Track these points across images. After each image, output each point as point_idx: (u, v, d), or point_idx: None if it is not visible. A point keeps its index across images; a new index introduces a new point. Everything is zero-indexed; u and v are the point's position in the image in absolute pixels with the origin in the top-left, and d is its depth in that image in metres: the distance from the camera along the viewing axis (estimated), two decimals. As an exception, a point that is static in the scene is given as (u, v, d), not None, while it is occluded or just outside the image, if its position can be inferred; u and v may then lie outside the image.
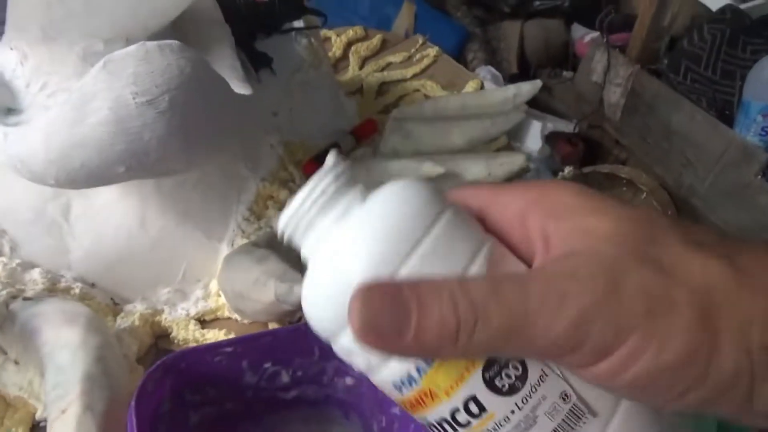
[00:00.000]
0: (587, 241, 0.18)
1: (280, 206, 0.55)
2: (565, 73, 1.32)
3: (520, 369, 0.19)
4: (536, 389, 0.19)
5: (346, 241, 0.20)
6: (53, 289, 0.47)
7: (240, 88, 0.47)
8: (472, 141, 0.58)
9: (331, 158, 0.22)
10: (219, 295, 0.51)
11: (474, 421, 0.20)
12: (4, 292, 0.44)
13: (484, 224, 0.21)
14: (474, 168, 0.53)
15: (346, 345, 0.21)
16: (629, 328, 0.17)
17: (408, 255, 0.19)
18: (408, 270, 0.19)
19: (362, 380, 0.41)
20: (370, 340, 0.18)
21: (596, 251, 0.18)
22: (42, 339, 0.40)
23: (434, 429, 0.21)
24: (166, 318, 0.49)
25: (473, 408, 0.20)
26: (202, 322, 0.51)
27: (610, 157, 1.17)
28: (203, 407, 0.39)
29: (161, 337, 0.50)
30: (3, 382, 0.42)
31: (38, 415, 0.42)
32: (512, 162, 0.52)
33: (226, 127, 0.44)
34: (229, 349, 0.36)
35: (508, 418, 0.19)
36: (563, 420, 0.19)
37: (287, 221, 0.21)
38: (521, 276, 0.19)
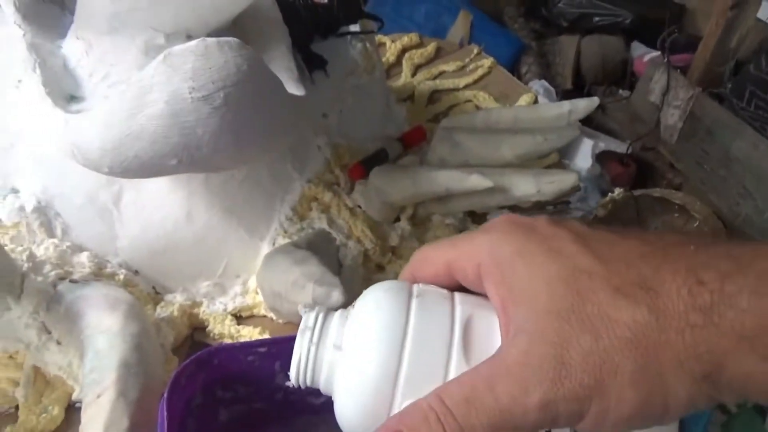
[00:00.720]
0: (531, 317, 0.21)
1: (324, 208, 0.55)
2: (621, 91, 1.29)
3: None
4: None
5: (347, 381, 0.23)
6: (99, 273, 0.48)
7: (294, 88, 0.47)
8: (523, 156, 0.56)
9: (304, 318, 0.25)
10: (257, 293, 0.51)
11: None
12: (52, 273, 0.45)
13: (453, 277, 0.24)
14: (523, 184, 0.52)
15: None
16: (587, 398, 0.19)
17: (396, 376, 0.22)
18: (402, 388, 0.22)
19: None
20: None
21: (540, 330, 0.20)
22: (84, 322, 0.41)
23: None
24: (204, 311, 0.50)
25: None
26: (239, 318, 0.51)
27: (663, 181, 1.13)
28: (233, 405, 0.39)
29: (198, 329, 0.50)
30: (44, 361, 0.43)
31: (75, 396, 0.43)
32: (563, 181, 0.51)
33: (277, 127, 0.44)
34: (262, 350, 0.36)
35: None
36: None
37: (295, 378, 0.25)
38: (489, 374, 0.21)
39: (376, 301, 0.24)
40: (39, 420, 0.41)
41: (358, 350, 0.23)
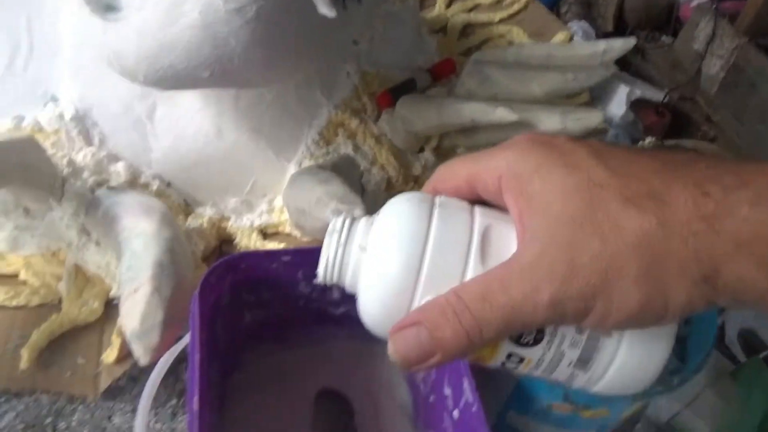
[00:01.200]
0: (545, 224, 0.22)
1: (350, 134, 0.56)
2: (664, 37, 1.23)
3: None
4: (555, 333, 0.24)
5: (371, 279, 0.25)
6: (134, 182, 0.50)
7: (325, 9, 0.47)
8: (551, 93, 0.56)
9: (332, 222, 0.27)
10: (282, 212, 0.53)
11: (519, 366, 0.25)
12: (91, 179, 0.47)
13: (475, 190, 0.25)
14: (548, 120, 0.52)
15: None
16: (593, 297, 0.21)
17: (417, 275, 0.24)
18: (422, 286, 0.23)
19: (407, 308, 0.43)
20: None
21: (553, 235, 0.22)
22: (121, 225, 0.44)
23: (505, 365, 0.26)
24: (231, 225, 0.52)
25: (514, 359, 0.25)
26: (264, 234, 0.53)
27: (697, 133, 1.10)
28: (257, 309, 0.41)
29: (225, 242, 0.53)
30: (84, 260, 0.46)
31: (112, 293, 0.47)
32: (589, 118, 0.50)
33: (307, 47, 0.45)
34: (286, 258, 0.38)
35: (542, 359, 0.24)
36: (584, 346, 0.24)
37: (322, 276, 0.27)
38: (504, 274, 0.22)
39: (400, 208, 0.25)
40: (80, 311, 0.45)
41: (382, 251, 0.24)
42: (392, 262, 0.24)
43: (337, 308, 0.43)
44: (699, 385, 0.51)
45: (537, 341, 0.24)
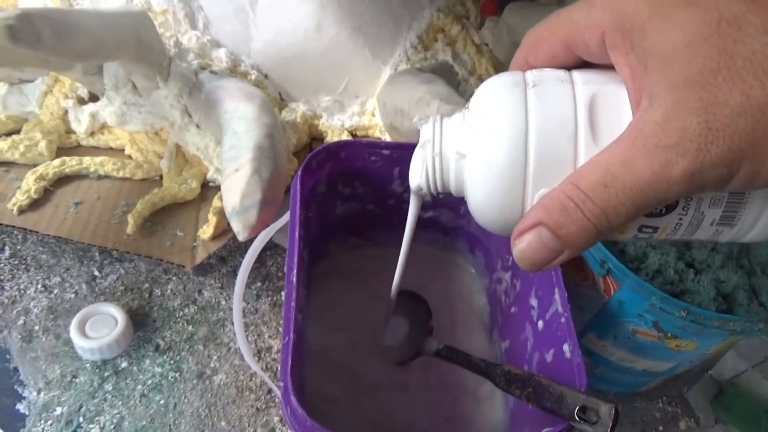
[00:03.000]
0: (667, 83, 0.18)
1: (450, 41, 0.54)
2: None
3: None
4: (691, 197, 0.21)
5: (476, 184, 0.23)
6: (234, 70, 0.50)
7: None
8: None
9: (422, 130, 0.25)
10: (373, 115, 0.53)
11: (654, 235, 0.23)
12: (195, 62, 0.48)
13: (574, 53, 0.22)
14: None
15: None
16: (737, 161, 0.18)
17: (525, 170, 0.21)
18: (532, 179, 0.21)
19: (498, 219, 0.42)
20: (541, 269, 0.22)
21: (679, 97, 0.18)
22: (223, 108, 0.44)
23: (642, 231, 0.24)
24: (323, 123, 0.52)
25: (647, 231, 0.22)
26: (354, 135, 0.53)
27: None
28: (349, 201, 0.42)
29: (316, 139, 0.53)
30: (185, 140, 0.48)
31: (209, 176, 0.48)
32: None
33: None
34: (386, 152, 0.38)
35: (679, 224, 0.22)
36: (727, 203, 0.21)
37: (426, 188, 0.26)
38: (625, 153, 0.19)
39: (492, 99, 0.23)
40: (180, 189, 0.47)
41: (481, 153, 0.22)
42: (494, 161, 0.22)
43: (424, 212, 0.43)
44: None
45: (670, 209, 0.21)
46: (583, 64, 0.22)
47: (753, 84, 0.17)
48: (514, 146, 0.21)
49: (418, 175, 0.26)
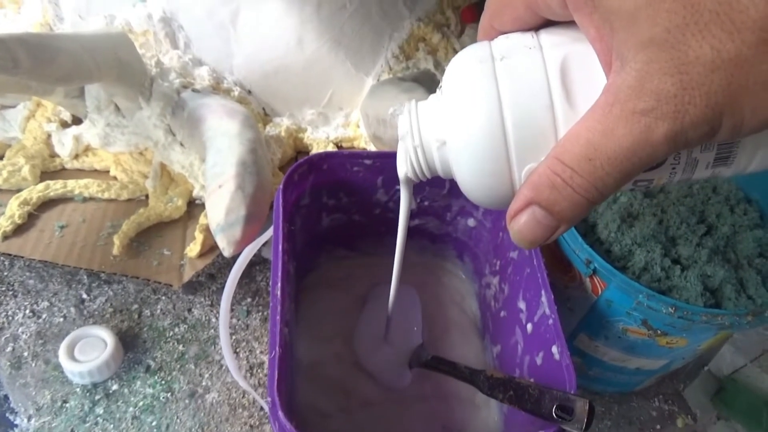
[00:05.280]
0: (635, 43, 0.18)
1: (431, 50, 0.54)
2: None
3: None
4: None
5: (461, 167, 0.23)
6: (217, 87, 0.51)
7: None
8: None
9: (399, 123, 0.25)
10: (358, 126, 0.53)
11: (651, 185, 0.23)
12: (177, 81, 0.48)
13: (538, 14, 0.22)
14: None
15: None
16: (718, 116, 0.18)
17: (506, 148, 0.21)
18: (515, 154, 0.21)
19: (484, 223, 0.42)
20: (542, 245, 0.23)
21: (649, 58, 0.18)
22: (206, 125, 0.44)
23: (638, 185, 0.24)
24: (308, 136, 0.53)
25: (642, 184, 0.22)
26: (339, 147, 0.53)
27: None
28: (335, 213, 0.42)
29: (301, 152, 0.53)
30: (170, 159, 0.48)
31: (195, 193, 0.48)
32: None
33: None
34: (368, 162, 0.38)
35: (674, 172, 0.22)
36: (718, 146, 0.21)
37: (413, 175, 0.25)
38: (603, 121, 0.19)
39: (462, 78, 0.22)
40: (166, 207, 0.47)
41: (460, 137, 0.22)
42: (474, 143, 0.22)
43: (411, 220, 0.43)
44: (766, 341, 0.49)
45: (661, 162, 0.21)
46: (550, 23, 0.22)
47: (722, 37, 0.17)
48: (490, 125, 0.21)
49: (404, 165, 0.26)
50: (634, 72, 0.18)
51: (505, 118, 0.21)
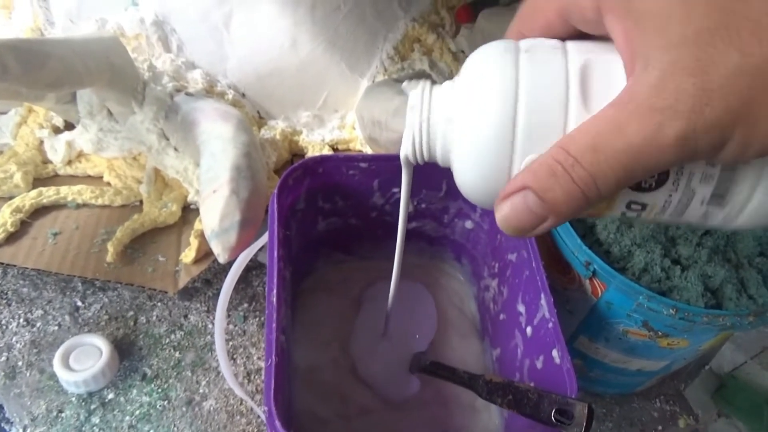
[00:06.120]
0: (663, 44, 0.18)
1: (426, 50, 0.54)
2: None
3: None
4: (682, 171, 0.20)
5: (462, 148, 0.22)
6: (210, 90, 0.50)
7: None
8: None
9: (410, 96, 0.24)
10: (353, 128, 0.52)
11: (642, 213, 0.22)
12: (170, 85, 0.48)
13: (569, 23, 0.22)
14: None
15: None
16: (731, 125, 0.17)
17: (513, 134, 0.21)
18: (520, 144, 0.21)
19: (481, 225, 0.42)
20: (522, 236, 0.22)
21: (675, 58, 0.17)
22: (199, 129, 0.44)
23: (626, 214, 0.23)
24: (303, 139, 0.52)
25: (635, 207, 0.22)
26: (335, 150, 0.53)
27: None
28: (331, 216, 0.41)
29: (297, 155, 0.53)
30: (164, 164, 0.47)
31: (189, 198, 0.48)
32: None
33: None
34: (363, 165, 0.38)
35: (668, 201, 0.21)
36: (719, 179, 0.20)
37: (412, 156, 0.24)
38: (616, 116, 0.19)
39: (482, 62, 0.22)
40: (160, 213, 0.46)
41: (469, 115, 0.22)
42: (482, 126, 0.21)
43: (408, 223, 0.43)
44: (766, 338, 0.49)
45: (660, 183, 0.20)
46: (578, 37, 0.22)
47: (751, 42, 0.16)
48: (502, 111, 0.21)
49: (406, 144, 0.25)
50: (657, 71, 0.18)
51: (519, 105, 0.20)
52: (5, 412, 0.40)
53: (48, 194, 0.45)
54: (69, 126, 0.50)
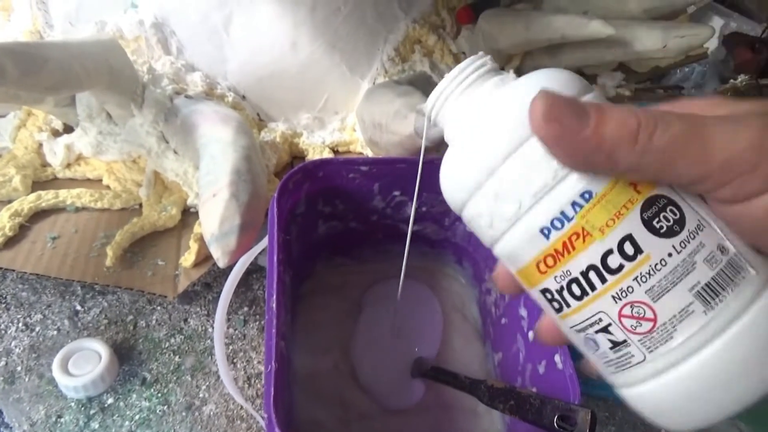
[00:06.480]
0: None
1: (427, 52, 0.54)
2: (772, -36, 1.10)
3: (678, 214, 0.19)
4: (694, 236, 0.19)
5: (490, 116, 0.21)
6: (210, 93, 0.50)
7: None
8: (651, 11, 0.51)
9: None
10: (354, 130, 0.52)
11: (627, 265, 0.19)
12: (169, 87, 0.48)
13: None
14: (647, 37, 0.47)
15: (476, 207, 0.22)
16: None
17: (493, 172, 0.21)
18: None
19: (483, 229, 0.41)
20: (552, 127, 0.18)
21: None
22: (199, 132, 0.44)
23: (573, 286, 0.20)
24: (303, 141, 0.52)
25: (628, 249, 0.19)
26: (335, 152, 0.53)
27: (800, 72, 1.00)
28: (331, 220, 0.41)
29: (297, 158, 0.52)
30: (163, 167, 0.47)
31: (189, 202, 0.48)
32: (696, 36, 0.45)
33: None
34: (364, 168, 0.37)
35: (664, 261, 0.19)
36: (722, 270, 0.19)
37: (435, 100, 0.23)
38: (702, 126, 0.18)
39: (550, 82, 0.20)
40: (160, 216, 0.46)
41: (485, 126, 0.21)
42: (477, 150, 0.20)
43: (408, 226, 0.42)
44: None
45: (671, 233, 0.19)
46: None
47: None
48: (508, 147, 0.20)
49: (432, 98, 0.24)
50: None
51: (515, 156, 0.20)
52: (4, 417, 0.40)
53: (47, 198, 0.45)
54: (68, 129, 0.49)
